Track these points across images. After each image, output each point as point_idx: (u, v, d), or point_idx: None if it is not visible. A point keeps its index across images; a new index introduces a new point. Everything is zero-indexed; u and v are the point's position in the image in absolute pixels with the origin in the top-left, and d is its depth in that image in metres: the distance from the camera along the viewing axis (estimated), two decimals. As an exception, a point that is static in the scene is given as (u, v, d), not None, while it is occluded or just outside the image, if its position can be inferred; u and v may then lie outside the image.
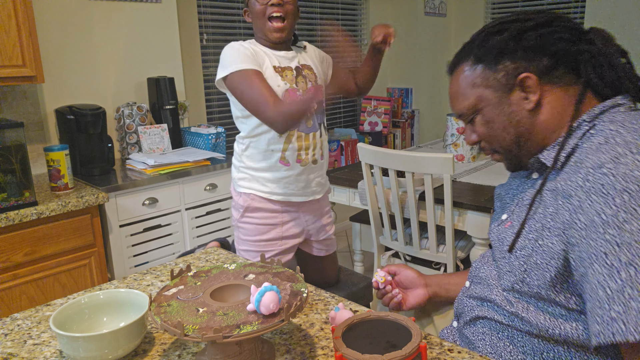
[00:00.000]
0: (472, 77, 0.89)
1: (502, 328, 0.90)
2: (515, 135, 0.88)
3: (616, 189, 0.69)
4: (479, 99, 0.89)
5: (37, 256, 1.84)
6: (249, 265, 0.97)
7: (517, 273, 0.84)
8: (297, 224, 1.68)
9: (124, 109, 2.46)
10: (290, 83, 1.56)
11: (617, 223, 0.67)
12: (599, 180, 0.71)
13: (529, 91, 0.85)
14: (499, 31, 0.87)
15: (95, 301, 0.96)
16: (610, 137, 0.76)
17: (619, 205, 0.68)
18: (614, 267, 0.67)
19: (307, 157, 1.61)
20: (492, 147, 0.93)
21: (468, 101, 0.90)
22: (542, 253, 0.79)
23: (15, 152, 1.76)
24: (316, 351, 0.88)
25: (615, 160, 0.71)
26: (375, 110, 3.92)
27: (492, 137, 0.90)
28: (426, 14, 4.39)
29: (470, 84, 0.89)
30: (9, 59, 1.90)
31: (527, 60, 0.85)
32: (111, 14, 2.45)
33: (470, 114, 0.91)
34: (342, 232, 3.86)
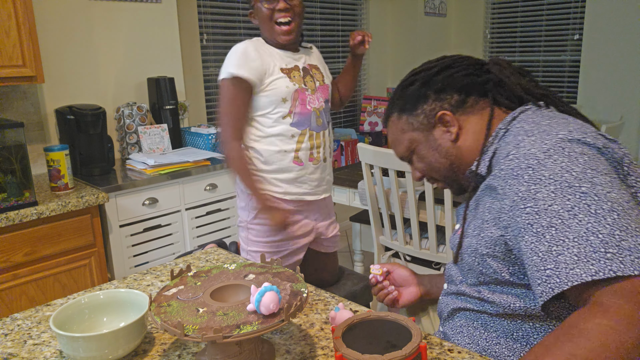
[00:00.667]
0: (399, 125, 1.03)
1: (475, 316, 0.95)
2: (448, 164, 1.00)
3: (521, 167, 0.80)
4: (410, 141, 1.02)
5: (37, 256, 1.84)
6: (249, 265, 0.97)
7: (474, 268, 0.93)
8: (307, 223, 1.70)
9: (124, 109, 2.46)
10: (299, 83, 1.59)
11: (531, 196, 0.77)
12: (508, 166, 0.82)
13: (448, 125, 0.98)
14: (411, 83, 1.01)
15: (96, 301, 0.96)
16: (516, 133, 0.88)
17: (528, 180, 0.78)
18: (539, 233, 0.75)
19: (318, 155, 1.65)
20: (433, 178, 1.05)
21: (402, 145, 1.03)
22: (485, 244, 0.88)
23: (16, 152, 1.76)
24: (316, 351, 0.88)
25: (517, 146, 0.84)
26: (375, 110, 3.92)
27: (430, 170, 1.02)
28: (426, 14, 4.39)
29: (400, 131, 1.03)
30: (9, 59, 1.90)
31: (439, 100, 0.99)
32: (111, 14, 2.45)
33: (408, 155, 1.04)
34: (342, 232, 3.86)
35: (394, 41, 4.21)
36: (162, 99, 2.52)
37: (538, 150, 0.80)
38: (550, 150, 0.79)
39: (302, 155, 1.62)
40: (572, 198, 0.74)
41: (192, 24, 2.89)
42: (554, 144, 0.79)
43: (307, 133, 1.62)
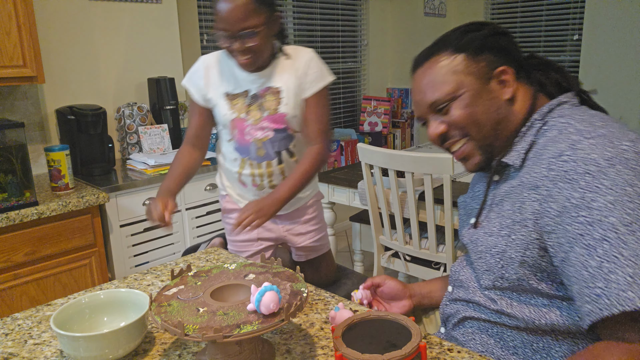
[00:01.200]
0: (452, 65, 0.90)
1: (490, 326, 0.92)
2: (495, 121, 0.90)
3: (578, 172, 0.73)
4: (459, 84, 0.89)
5: (37, 256, 1.84)
6: (249, 265, 0.98)
7: (495, 271, 0.87)
8: (271, 230, 1.63)
9: (125, 109, 2.47)
10: (239, 112, 1.48)
11: (585, 204, 0.71)
12: (561, 168, 0.76)
13: (505, 83, 0.90)
14: (478, 28, 0.92)
15: (96, 301, 0.96)
16: (564, 129, 0.81)
17: (584, 187, 0.72)
18: (591, 246, 0.70)
19: (263, 182, 1.55)
20: (466, 133, 0.91)
21: (447, 87, 0.90)
22: (516, 247, 0.82)
23: (16, 152, 1.76)
24: (316, 351, 0.88)
25: (573, 147, 0.76)
26: (375, 110, 3.92)
27: (471, 121, 0.90)
28: (426, 14, 4.39)
29: (451, 71, 0.90)
30: (10, 59, 1.90)
31: (502, 56, 0.91)
32: (111, 14, 2.45)
33: (447, 100, 0.91)
34: (342, 232, 3.87)
35: (394, 41, 4.21)
36: (163, 99, 2.52)
37: (599, 156, 0.73)
38: (614, 160, 0.73)
39: (245, 179, 1.56)
40: (632, 213, 0.69)
41: (192, 24, 2.90)
42: (618, 154, 0.73)
43: (248, 161, 1.53)
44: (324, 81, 1.49)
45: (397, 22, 4.19)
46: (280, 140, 1.50)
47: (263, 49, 1.38)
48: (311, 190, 1.66)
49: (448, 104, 0.90)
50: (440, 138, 0.94)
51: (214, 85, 1.50)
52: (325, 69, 1.51)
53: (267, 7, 1.35)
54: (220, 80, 1.49)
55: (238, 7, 1.30)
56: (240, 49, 1.35)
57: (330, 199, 2.50)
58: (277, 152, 1.52)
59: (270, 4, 1.36)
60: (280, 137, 1.50)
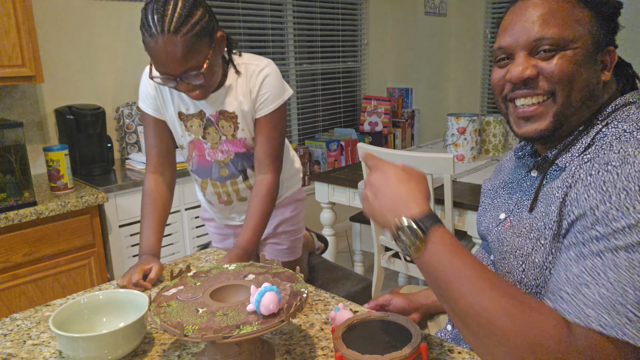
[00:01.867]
0: (578, 13, 0.78)
1: None
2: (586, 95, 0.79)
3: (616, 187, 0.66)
4: (578, 36, 0.77)
5: (36, 256, 1.83)
6: (248, 265, 0.97)
7: (515, 274, 0.82)
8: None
9: (124, 108, 2.46)
10: (196, 134, 1.36)
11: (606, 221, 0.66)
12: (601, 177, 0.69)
13: (606, 66, 0.80)
14: None
15: (95, 301, 0.96)
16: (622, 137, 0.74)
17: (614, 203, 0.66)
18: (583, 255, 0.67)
19: (229, 198, 1.48)
20: (552, 90, 0.79)
21: (566, 31, 0.77)
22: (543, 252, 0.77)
23: (15, 152, 1.76)
24: (316, 351, 0.88)
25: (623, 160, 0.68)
26: (375, 110, 3.91)
27: (570, 82, 0.78)
28: (426, 13, 4.39)
29: (575, 18, 0.77)
30: (9, 59, 1.90)
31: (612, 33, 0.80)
32: (111, 13, 2.45)
33: (559, 45, 0.77)
34: (342, 232, 3.86)
35: (394, 41, 4.21)
36: (162, 99, 2.51)
37: None
38: None
39: (210, 198, 1.50)
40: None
41: (192, 24, 2.89)
42: None
43: (209, 182, 1.44)
44: (278, 100, 1.33)
45: (397, 22, 4.19)
46: (244, 159, 1.40)
47: (212, 80, 1.23)
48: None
49: (556, 51, 0.77)
50: (520, 82, 0.80)
51: (167, 99, 1.34)
52: (281, 86, 1.34)
53: (208, 36, 1.17)
54: (172, 98, 1.33)
55: (175, 50, 1.12)
56: (185, 89, 1.21)
57: (330, 199, 2.49)
58: (242, 170, 1.42)
59: (210, 32, 1.18)
60: (244, 157, 1.40)
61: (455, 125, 2.49)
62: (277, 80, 1.33)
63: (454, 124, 2.49)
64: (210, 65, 1.19)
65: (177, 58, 1.12)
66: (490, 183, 1.01)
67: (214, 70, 1.22)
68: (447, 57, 4.77)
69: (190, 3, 1.13)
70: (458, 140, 2.50)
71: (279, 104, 1.33)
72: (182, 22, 1.11)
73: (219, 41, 1.22)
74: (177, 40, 1.11)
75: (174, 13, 1.10)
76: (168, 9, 1.10)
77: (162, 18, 1.10)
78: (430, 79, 4.61)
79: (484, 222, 0.98)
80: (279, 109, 1.34)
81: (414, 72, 4.43)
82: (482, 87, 4.65)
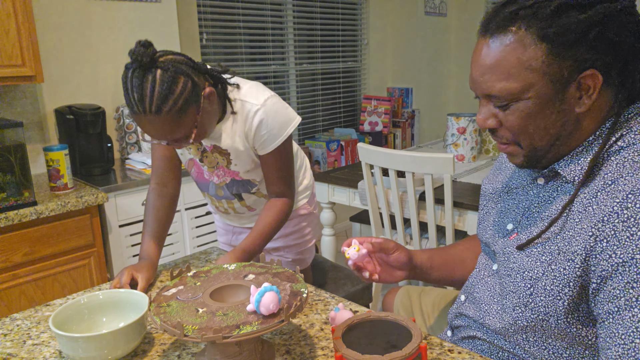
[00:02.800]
0: (529, 56, 0.70)
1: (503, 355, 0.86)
2: (554, 137, 0.74)
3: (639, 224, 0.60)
4: (528, 86, 0.71)
5: (36, 256, 1.83)
6: (248, 265, 0.97)
7: (521, 295, 0.77)
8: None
9: (124, 108, 2.46)
10: (194, 155, 1.37)
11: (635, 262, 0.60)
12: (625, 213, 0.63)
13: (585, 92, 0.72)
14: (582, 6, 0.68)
15: (95, 301, 0.96)
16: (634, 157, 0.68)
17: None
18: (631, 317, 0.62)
19: (227, 211, 1.50)
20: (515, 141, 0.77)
21: (513, 85, 0.72)
22: (554, 279, 0.72)
23: (15, 152, 1.76)
24: (316, 351, 0.88)
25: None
26: (375, 110, 3.91)
27: (526, 134, 0.75)
28: (426, 13, 4.39)
29: (524, 65, 0.71)
30: (9, 59, 1.90)
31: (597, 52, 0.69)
32: (111, 13, 2.45)
33: (508, 100, 0.74)
34: (342, 232, 3.86)
35: (394, 41, 4.21)
36: (162, 99, 2.51)
37: None
38: None
39: (210, 208, 1.58)
40: None
41: (192, 24, 2.89)
42: None
43: (207, 195, 1.47)
44: (279, 139, 1.28)
45: (397, 22, 4.19)
46: (239, 185, 1.40)
47: (204, 134, 1.20)
48: None
49: (509, 103, 0.75)
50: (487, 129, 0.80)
51: None
52: (282, 123, 1.27)
53: (193, 104, 1.11)
54: None
55: (159, 127, 1.10)
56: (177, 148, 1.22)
57: (330, 199, 2.49)
58: (237, 194, 1.43)
59: (196, 98, 1.12)
60: (239, 183, 1.39)
61: (455, 125, 2.49)
62: (275, 119, 1.26)
63: (454, 124, 2.49)
64: (201, 125, 1.16)
65: (162, 133, 1.11)
66: (491, 185, 0.98)
67: (207, 126, 1.19)
68: (447, 57, 4.77)
69: (169, 77, 1.06)
70: (458, 140, 2.50)
71: (281, 141, 1.28)
72: (162, 101, 1.06)
73: (208, 98, 1.15)
74: (160, 119, 1.08)
75: (153, 92, 1.05)
76: (147, 87, 1.05)
77: (142, 98, 1.05)
78: (430, 79, 4.61)
79: (489, 230, 0.93)
80: (283, 144, 1.29)
81: (414, 72, 4.43)
82: (482, 87, 4.65)
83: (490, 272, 0.92)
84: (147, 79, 1.05)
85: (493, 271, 0.91)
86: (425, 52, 4.49)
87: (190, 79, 1.10)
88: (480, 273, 0.94)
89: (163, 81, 1.06)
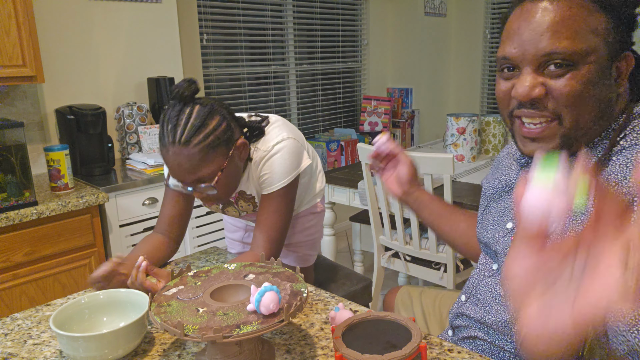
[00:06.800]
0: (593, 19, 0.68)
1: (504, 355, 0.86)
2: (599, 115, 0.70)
3: None
4: (593, 50, 0.68)
5: (37, 256, 1.83)
6: (248, 265, 0.97)
7: None
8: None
9: (124, 109, 2.47)
10: (215, 211, 1.42)
11: None
12: None
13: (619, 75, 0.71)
14: None
15: (95, 301, 0.96)
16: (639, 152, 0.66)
17: None
18: None
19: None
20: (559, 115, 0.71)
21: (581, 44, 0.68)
22: None
23: (16, 152, 1.76)
24: (316, 351, 0.88)
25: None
26: (375, 110, 3.92)
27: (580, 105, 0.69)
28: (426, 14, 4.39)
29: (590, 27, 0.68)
30: (9, 59, 1.90)
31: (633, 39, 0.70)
32: (111, 14, 2.45)
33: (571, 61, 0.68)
34: (342, 232, 3.86)
35: (394, 41, 4.21)
36: (162, 99, 2.52)
37: None
38: None
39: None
40: None
41: (192, 24, 2.89)
42: None
43: None
44: (279, 182, 1.24)
45: (397, 22, 4.19)
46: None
47: (228, 189, 1.17)
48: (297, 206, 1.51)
49: (568, 67, 0.69)
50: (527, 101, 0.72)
51: None
52: (286, 167, 1.24)
53: (223, 146, 1.10)
54: None
55: (184, 161, 1.07)
56: (199, 197, 1.16)
57: (330, 199, 2.50)
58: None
59: (227, 141, 1.11)
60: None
61: (455, 126, 2.49)
62: (279, 161, 1.23)
63: (454, 124, 2.49)
64: (227, 174, 1.13)
65: (186, 169, 1.07)
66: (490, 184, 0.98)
67: (231, 180, 1.16)
68: (447, 57, 4.77)
69: (205, 112, 1.08)
70: (458, 140, 2.50)
71: (280, 185, 1.24)
72: (194, 133, 1.06)
73: (239, 148, 1.15)
74: (187, 152, 1.05)
75: (187, 123, 1.06)
76: (182, 119, 1.06)
77: (174, 128, 1.06)
78: (430, 79, 4.61)
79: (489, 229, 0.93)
80: (282, 190, 1.24)
81: (414, 72, 4.43)
82: (482, 87, 4.65)
83: (491, 272, 0.91)
84: (184, 112, 1.08)
85: (493, 271, 0.91)
86: (425, 52, 4.49)
87: (226, 121, 1.12)
88: (481, 273, 0.94)
89: (199, 115, 1.08)
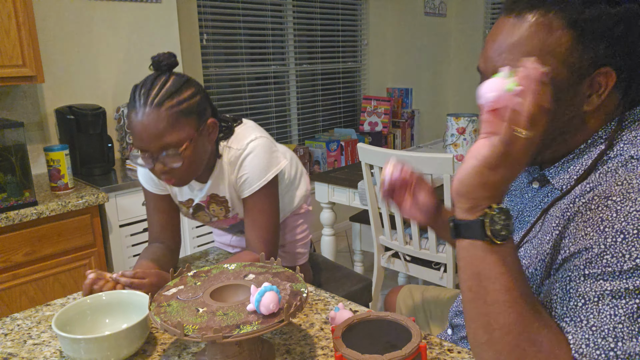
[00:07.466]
0: (553, 41, 0.68)
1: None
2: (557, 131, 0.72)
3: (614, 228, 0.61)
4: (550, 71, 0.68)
5: (37, 256, 1.83)
6: (248, 265, 0.97)
7: None
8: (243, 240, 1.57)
9: (124, 108, 2.46)
10: (185, 215, 1.37)
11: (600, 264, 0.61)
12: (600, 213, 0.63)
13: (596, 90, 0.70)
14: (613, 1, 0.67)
15: (98, 302, 0.96)
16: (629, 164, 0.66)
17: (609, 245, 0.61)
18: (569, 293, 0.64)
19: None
20: None
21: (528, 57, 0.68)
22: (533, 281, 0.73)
23: (15, 152, 1.76)
24: (316, 351, 0.88)
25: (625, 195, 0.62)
26: (375, 110, 3.92)
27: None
28: (426, 14, 4.39)
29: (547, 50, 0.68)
30: (9, 59, 1.90)
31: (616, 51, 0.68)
32: (111, 14, 2.45)
33: None
34: (342, 232, 3.86)
35: (394, 41, 4.21)
36: (162, 99, 2.52)
37: None
38: None
39: None
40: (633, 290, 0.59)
41: (192, 24, 2.89)
42: None
43: None
44: (259, 181, 1.22)
45: (397, 22, 4.19)
46: (240, 225, 1.40)
47: (192, 167, 1.12)
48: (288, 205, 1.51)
49: None
50: None
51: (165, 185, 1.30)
52: (264, 165, 1.22)
53: (194, 116, 1.08)
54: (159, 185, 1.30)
55: (153, 123, 1.03)
56: (161, 171, 1.10)
57: (330, 199, 2.50)
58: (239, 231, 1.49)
59: (199, 113, 1.09)
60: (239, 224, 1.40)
61: (455, 126, 2.49)
62: (256, 160, 1.21)
63: (454, 124, 2.49)
64: (194, 149, 1.09)
65: (154, 133, 1.04)
66: None
67: (197, 158, 1.12)
68: (447, 57, 4.77)
69: (181, 81, 1.07)
70: (458, 140, 2.50)
71: (261, 184, 1.22)
72: (167, 97, 1.04)
73: (209, 127, 1.13)
74: (157, 114, 1.03)
75: (162, 88, 1.05)
76: (157, 84, 1.05)
77: (147, 92, 1.04)
78: (430, 79, 4.61)
79: None
80: (264, 189, 1.23)
81: (414, 72, 4.43)
82: (482, 87, 4.66)
83: None
84: (160, 78, 1.06)
85: None
86: (425, 52, 4.49)
87: (201, 95, 1.10)
88: None
89: (174, 83, 1.07)
